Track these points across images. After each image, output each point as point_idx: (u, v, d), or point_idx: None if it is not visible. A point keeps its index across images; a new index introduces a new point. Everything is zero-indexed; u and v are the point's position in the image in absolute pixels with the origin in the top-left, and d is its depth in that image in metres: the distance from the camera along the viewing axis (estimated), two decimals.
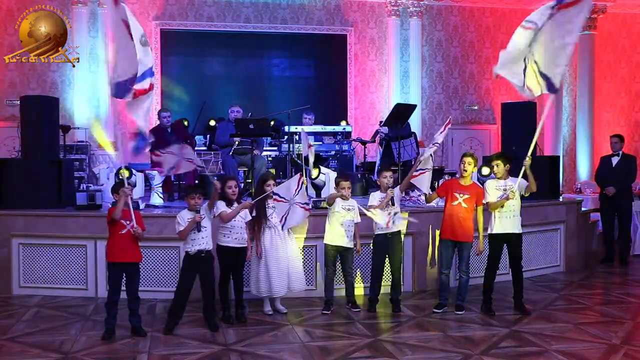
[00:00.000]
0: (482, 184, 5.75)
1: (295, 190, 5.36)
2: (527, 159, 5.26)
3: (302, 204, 5.43)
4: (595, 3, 13.04)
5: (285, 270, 5.41)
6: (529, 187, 5.37)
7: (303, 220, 5.67)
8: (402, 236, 5.81)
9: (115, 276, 4.83)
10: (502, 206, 5.40)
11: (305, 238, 6.14)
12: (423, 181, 5.64)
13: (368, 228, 5.71)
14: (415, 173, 5.59)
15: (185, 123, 9.91)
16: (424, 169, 5.64)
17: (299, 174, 5.47)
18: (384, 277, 5.79)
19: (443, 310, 5.54)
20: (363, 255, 6.05)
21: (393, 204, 5.48)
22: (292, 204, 5.36)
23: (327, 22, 12.73)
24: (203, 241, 4.95)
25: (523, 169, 5.29)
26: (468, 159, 5.50)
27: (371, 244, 5.74)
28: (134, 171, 6.85)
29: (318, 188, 7.27)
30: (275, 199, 5.35)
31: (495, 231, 5.49)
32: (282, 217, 5.36)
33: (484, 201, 5.49)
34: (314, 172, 7.25)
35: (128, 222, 4.76)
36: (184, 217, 4.94)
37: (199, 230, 4.90)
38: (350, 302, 5.67)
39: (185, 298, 5.04)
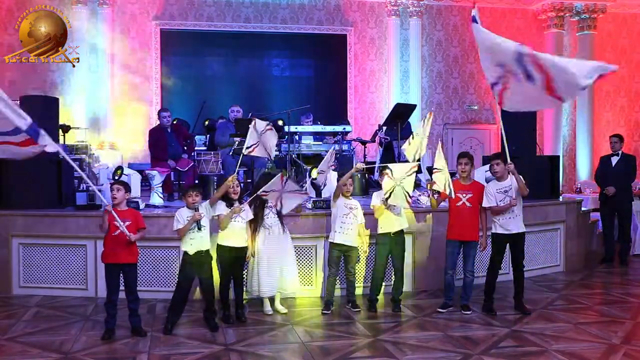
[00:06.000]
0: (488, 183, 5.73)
1: (281, 186, 5.27)
2: (509, 163, 5.24)
3: (294, 191, 5.37)
4: (595, 3, 13.05)
5: (275, 271, 5.39)
6: (520, 189, 5.35)
7: (301, 201, 5.59)
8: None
9: (111, 276, 4.82)
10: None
11: (305, 238, 6.14)
12: (440, 180, 5.57)
13: (372, 228, 5.71)
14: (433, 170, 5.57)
15: (174, 122, 9.83)
16: (438, 168, 5.60)
17: (279, 175, 5.30)
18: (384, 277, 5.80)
19: (448, 310, 5.54)
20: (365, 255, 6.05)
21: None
22: (283, 193, 5.30)
23: (327, 22, 12.74)
24: (202, 240, 4.94)
25: (511, 171, 5.27)
26: (464, 160, 5.51)
27: (375, 243, 5.72)
28: (125, 171, 6.81)
29: (318, 188, 7.25)
30: (262, 194, 5.25)
31: (498, 231, 5.50)
32: (277, 201, 5.32)
33: (485, 205, 5.47)
34: (314, 172, 7.24)
35: (118, 224, 4.75)
36: (183, 215, 4.93)
37: (200, 229, 4.90)
38: (351, 302, 5.67)
39: (185, 297, 5.05)
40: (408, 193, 5.34)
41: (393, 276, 5.71)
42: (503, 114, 7.69)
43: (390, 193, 5.33)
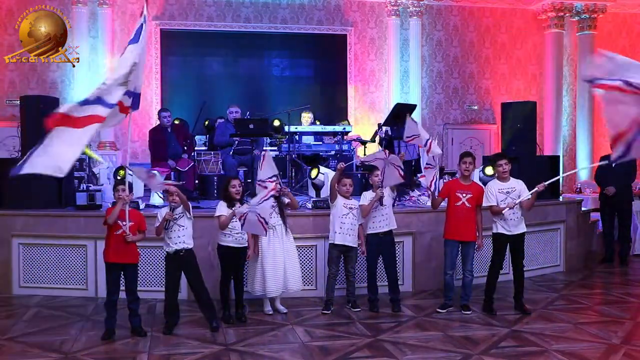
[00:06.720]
0: (485, 184, 5.74)
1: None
2: (543, 185, 5.22)
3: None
4: (595, 3, 13.05)
5: (280, 271, 5.39)
6: (526, 204, 5.38)
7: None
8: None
9: (112, 276, 4.83)
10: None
11: (305, 238, 6.14)
12: (428, 175, 5.61)
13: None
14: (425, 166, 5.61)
15: (176, 122, 9.84)
16: (431, 165, 5.63)
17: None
18: (381, 277, 5.79)
19: (447, 310, 5.54)
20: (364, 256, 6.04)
21: (382, 204, 5.49)
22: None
23: (327, 22, 12.73)
24: (180, 240, 4.92)
25: (536, 189, 5.25)
26: (469, 159, 5.50)
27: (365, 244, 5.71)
28: (129, 170, 6.80)
29: (318, 188, 7.27)
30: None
31: (499, 231, 5.49)
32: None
33: (485, 205, 5.47)
34: (314, 172, 7.25)
35: (124, 223, 4.76)
36: (163, 214, 4.94)
37: (166, 228, 4.88)
38: (351, 302, 5.67)
39: (175, 297, 5.05)
40: (400, 167, 5.41)
41: (386, 277, 5.69)
42: (505, 114, 7.62)
43: (383, 175, 5.37)
